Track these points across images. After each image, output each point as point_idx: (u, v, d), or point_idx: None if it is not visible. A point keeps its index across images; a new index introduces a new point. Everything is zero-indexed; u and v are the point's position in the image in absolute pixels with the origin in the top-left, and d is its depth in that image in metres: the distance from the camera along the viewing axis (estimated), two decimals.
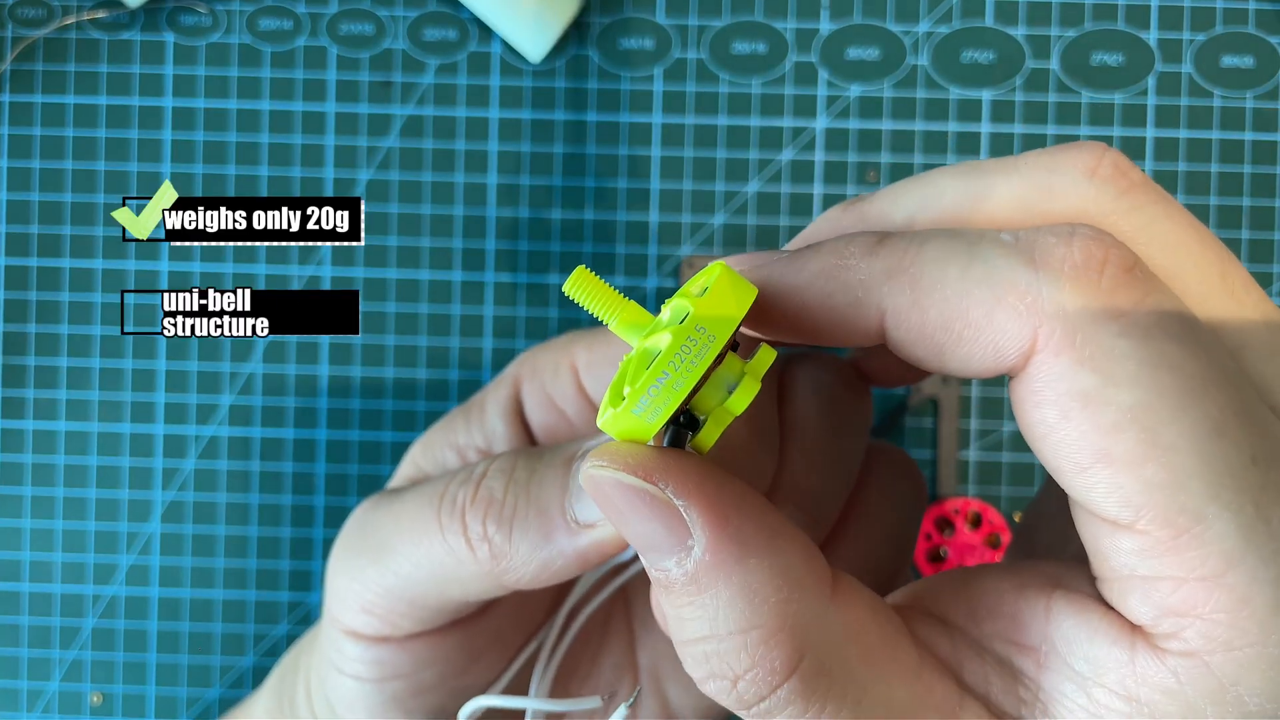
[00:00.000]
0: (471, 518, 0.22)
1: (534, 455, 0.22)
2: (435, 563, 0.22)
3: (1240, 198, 0.34)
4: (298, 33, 0.34)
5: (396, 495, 0.24)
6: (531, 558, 0.21)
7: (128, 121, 0.34)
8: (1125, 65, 0.34)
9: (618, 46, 0.34)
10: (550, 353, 0.26)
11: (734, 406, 0.17)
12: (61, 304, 0.34)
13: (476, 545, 0.22)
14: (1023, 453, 0.34)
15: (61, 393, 0.34)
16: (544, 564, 0.21)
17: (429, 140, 0.34)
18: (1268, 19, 0.34)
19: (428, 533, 0.22)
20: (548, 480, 0.22)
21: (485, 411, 0.27)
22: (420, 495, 0.23)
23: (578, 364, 0.26)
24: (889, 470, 0.24)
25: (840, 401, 0.23)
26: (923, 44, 0.34)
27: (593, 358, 0.26)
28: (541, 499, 0.21)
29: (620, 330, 0.18)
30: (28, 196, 0.34)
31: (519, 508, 0.21)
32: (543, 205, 0.34)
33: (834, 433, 0.22)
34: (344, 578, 0.24)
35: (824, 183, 0.34)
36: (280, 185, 0.34)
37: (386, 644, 0.24)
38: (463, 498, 0.22)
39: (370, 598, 0.23)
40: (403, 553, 0.23)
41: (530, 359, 0.27)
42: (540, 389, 0.26)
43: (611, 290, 0.18)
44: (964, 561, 0.33)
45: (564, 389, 0.26)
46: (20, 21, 0.34)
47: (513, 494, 0.22)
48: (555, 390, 0.26)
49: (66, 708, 0.34)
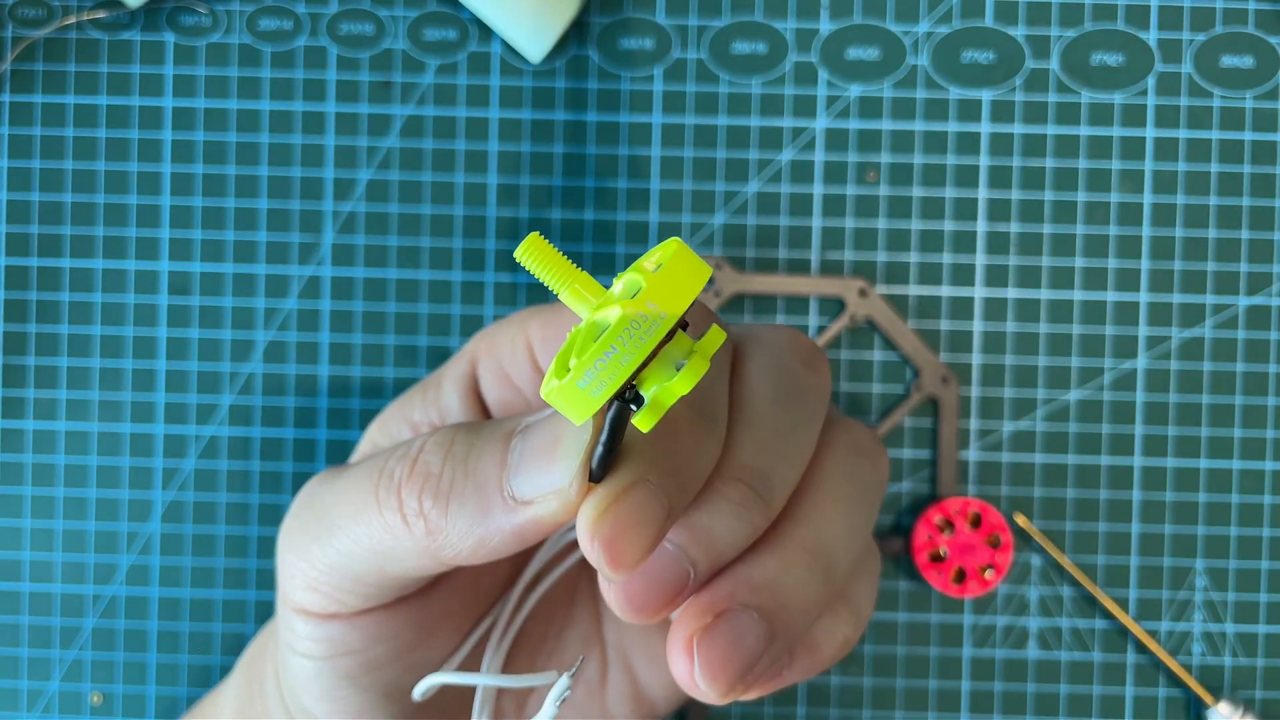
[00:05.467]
0: (407, 493, 0.21)
1: (473, 430, 0.22)
2: (373, 539, 0.22)
3: (1240, 198, 0.34)
4: (298, 33, 0.34)
5: (342, 471, 0.24)
6: (468, 534, 0.21)
7: (128, 121, 0.34)
8: (1125, 65, 0.34)
9: (618, 46, 0.34)
10: (507, 329, 0.26)
11: (679, 387, 0.17)
12: (61, 304, 0.34)
13: (412, 521, 0.21)
14: (1023, 453, 0.34)
15: (61, 393, 0.34)
16: (480, 540, 0.21)
17: (429, 140, 0.34)
18: (1268, 19, 0.34)
19: (366, 508, 0.22)
20: (485, 455, 0.21)
21: (441, 388, 0.26)
22: (361, 470, 0.23)
23: (532, 339, 0.25)
24: (849, 449, 0.24)
25: (794, 378, 0.22)
26: (923, 44, 0.34)
27: (547, 333, 0.25)
28: (478, 474, 0.21)
29: (570, 301, 0.18)
30: (28, 197, 0.34)
31: (455, 483, 0.21)
32: (543, 205, 0.34)
33: (787, 411, 0.22)
34: (291, 554, 0.24)
35: (824, 183, 0.34)
36: (280, 185, 0.34)
37: (335, 621, 0.24)
38: (400, 472, 0.22)
39: (315, 575, 0.23)
40: (343, 528, 0.22)
41: (488, 335, 0.26)
42: (496, 365, 0.26)
43: (564, 259, 0.18)
44: (964, 562, 0.33)
45: (519, 365, 0.25)
46: (20, 21, 0.34)
47: (450, 469, 0.21)
48: (511, 367, 0.26)
49: (66, 708, 0.34)
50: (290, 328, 0.34)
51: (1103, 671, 0.34)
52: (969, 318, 0.34)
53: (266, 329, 0.34)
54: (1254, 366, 0.34)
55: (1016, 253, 0.34)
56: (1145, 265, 0.34)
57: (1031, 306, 0.34)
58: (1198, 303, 0.34)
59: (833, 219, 0.34)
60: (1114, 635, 0.34)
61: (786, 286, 0.34)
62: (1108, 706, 0.34)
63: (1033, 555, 0.34)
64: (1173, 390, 0.34)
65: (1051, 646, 0.34)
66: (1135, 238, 0.34)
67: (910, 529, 0.33)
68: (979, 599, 0.34)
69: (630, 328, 0.16)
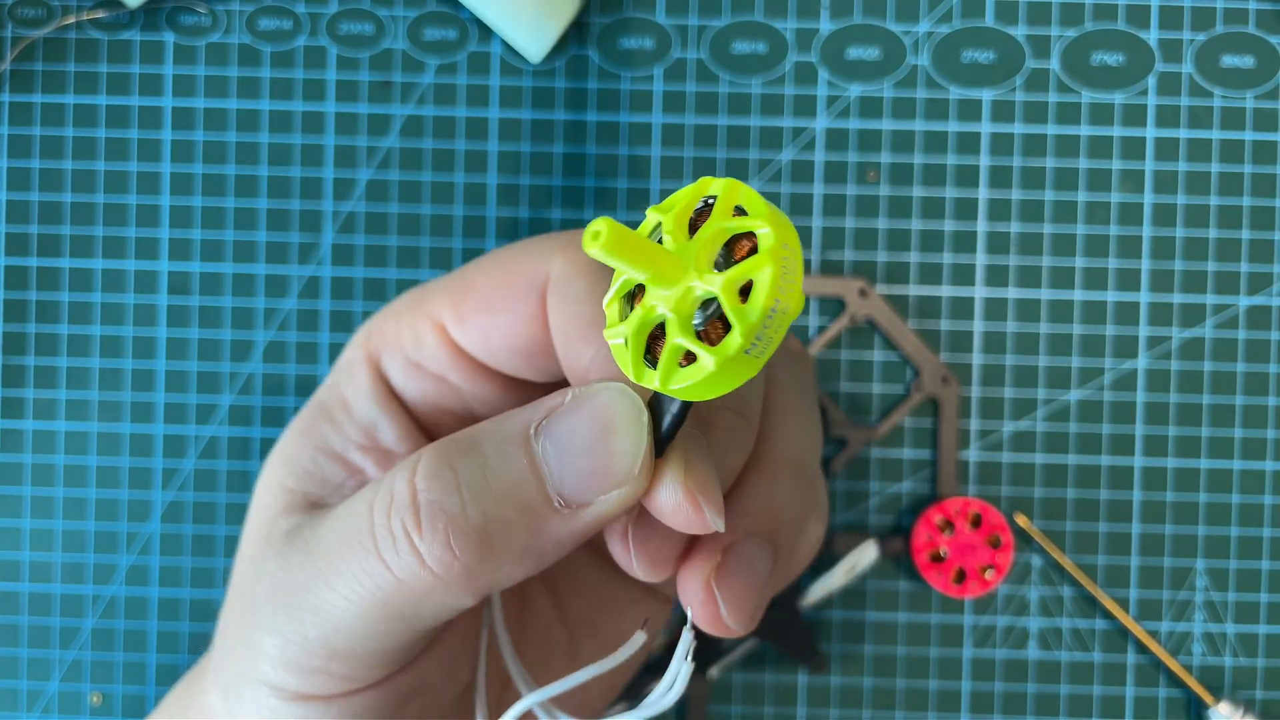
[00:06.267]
0: (430, 544, 0.19)
1: (467, 447, 0.19)
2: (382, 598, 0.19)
3: (1240, 197, 0.34)
4: (297, 33, 0.34)
5: (298, 543, 0.21)
6: (523, 558, 0.19)
7: (127, 121, 0.34)
8: (1125, 65, 0.34)
9: (618, 46, 0.34)
10: (401, 319, 0.24)
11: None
12: (61, 304, 0.34)
13: (442, 570, 0.19)
14: (1023, 453, 0.34)
15: (61, 393, 0.34)
16: (539, 558, 0.19)
17: (429, 140, 0.34)
18: (1268, 19, 0.34)
19: (368, 574, 0.19)
20: (511, 471, 0.19)
21: (351, 404, 0.24)
22: (340, 539, 0.20)
23: (444, 322, 0.23)
24: (785, 357, 0.23)
25: None
26: (923, 44, 0.34)
27: (462, 312, 0.23)
28: (516, 495, 0.19)
29: (664, 278, 0.16)
30: (27, 196, 0.34)
31: (490, 513, 0.19)
32: (543, 205, 0.34)
33: None
34: (259, 632, 0.21)
35: (824, 183, 0.34)
36: (280, 185, 0.34)
37: (311, 702, 0.21)
38: (405, 527, 0.19)
39: (293, 653, 0.21)
40: (330, 599, 0.20)
41: (376, 332, 0.24)
42: (404, 361, 0.24)
43: (643, 239, 0.15)
44: (964, 562, 0.33)
45: (434, 353, 0.23)
46: (20, 21, 0.34)
47: (472, 501, 0.19)
48: (424, 357, 0.24)
49: (66, 708, 0.34)
50: (290, 328, 0.34)
51: (1103, 672, 0.34)
52: (969, 318, 0.34)
53: (266, 329, 0.34)
54: (1254, 367, 0.34)
55: (1017, 253, 0.34)
56: (1146, 265, 0.34)
57: (1032, 306, 0.34)
58: (1198, 303, 0.34)
59: (833, 219, 0.34)
60: (1114, 635, 0.34)
61: None
62: (1108, 707, 0.34)
63: (1033, 555, 0.34)
64: (1173, 390, 0.34)
65: (1052, 647, 0.34)
66: (1136, 238, 0.34)
67: (910, 529, 0.33)
68: (979, 599, 0.34)
69: (783, 274, 0.15)
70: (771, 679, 0.34)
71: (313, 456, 0.24)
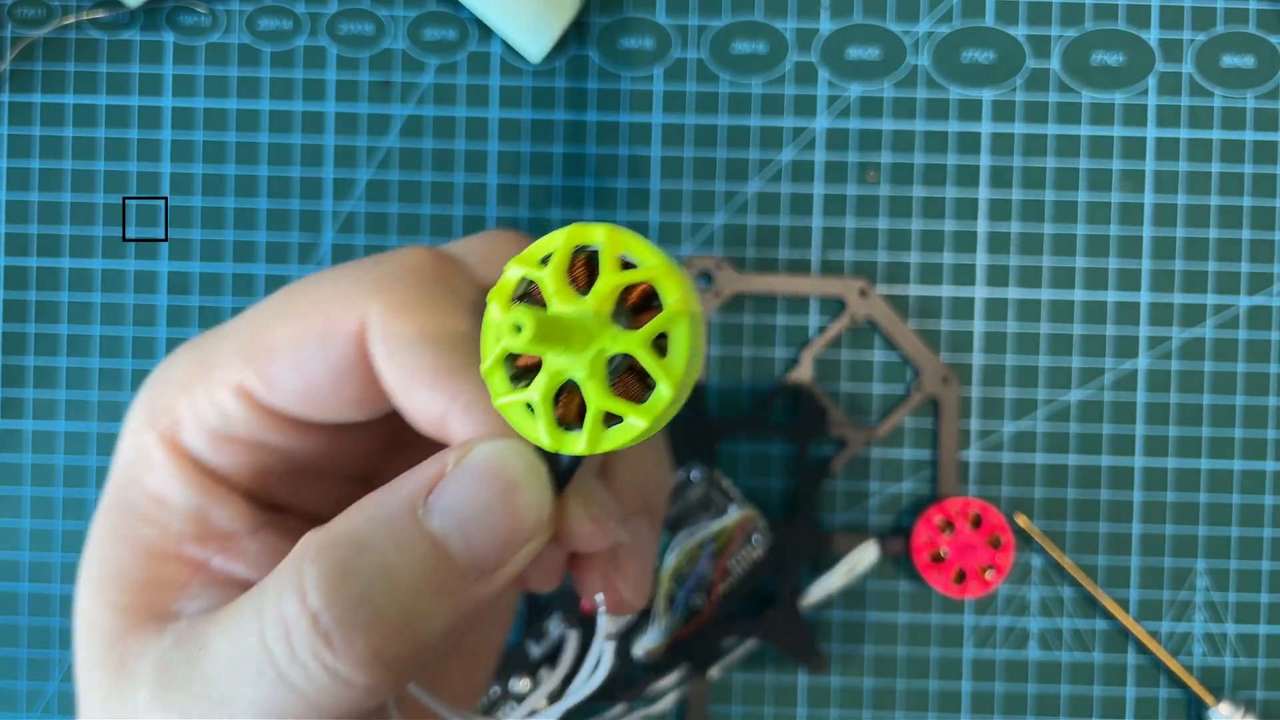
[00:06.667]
0: (348, 663, 0.17)
1: (355, 548, 0.17)
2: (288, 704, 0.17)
3: (1241, 197, 0.34)
4: (297, 32, 0.34)
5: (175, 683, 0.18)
6: (449, 635, 0.18)
7: (127, 121, 0.34)
8: (1126, 65, 0.34)
9: (618, 46, 0.34)
10: (191, 391, 0.20)
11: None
12: (61, 304, 0.34)
13: (370, 680, 0.17)
14: (1023, 453, 0.34)
15: (61, 393, 0.34)
16: (464, 627, 0.18)
17: (429, 140, 0.34)
18: (1269, 19, 0.34)
19: (276, 702, 0.17)
20: (417, 559, 0.17)
21: (165, 497, 0.21)
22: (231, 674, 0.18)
23: (248, 387, 0.20)
24: None
25: None
26: (923, 43, 0.34)
27: (267, 374, 0.20)
28: (428, 581, 0.17)
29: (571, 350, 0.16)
30: (27, 196, 0.34)
31: (409, 609, 0.17)
32: (542, 205, 0.34)
33: None
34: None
35: (824, 182, 0.34)
36: (280, 185, 0.34)
37: None
38: (313, 652, 0.17)
39: None
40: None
41: (161, 412, 0.21)
42: (210, 435, 0.20)
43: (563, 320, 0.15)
44: (965, 562, 0.33)
45: (244, 421, 0.20)
46: (20, 21, 0.34)
47: (389, 605, 0.17)
48: (234, 428, 0.20)
49: (66, 708, 0.34)
50: None
51: (1104, 672, 0.34)
52: (970, 318, 0.34)
53: None
54: (1255, 367, 0.34)
55: (1017, 253, 0.34)
56: (1146, 265, 0.34)
57: (1032, 307, 0.34)
58: (1199, 303, 0.34)
59: (833, 219, 0.34)
60: (1115, 636, 0.34)
61: (787, 286, 0.34)
62: (1109, 707, 0.34)
63: (1033, 556, 0.34)
64: (1174, 390, 0.34)
65: (1052, 647, 0.34)
66: (1136, 238, 0.34)
67: (911, 529, 0.33)
68: (979, 600, 0.34)
69: (693, 323, 0.15)
70: (772, 679, 0.34)
71: (142, 565, 0.21)
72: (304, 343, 0.20)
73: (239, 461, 0.21)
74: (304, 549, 0.17)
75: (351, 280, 0.20)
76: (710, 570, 0.33)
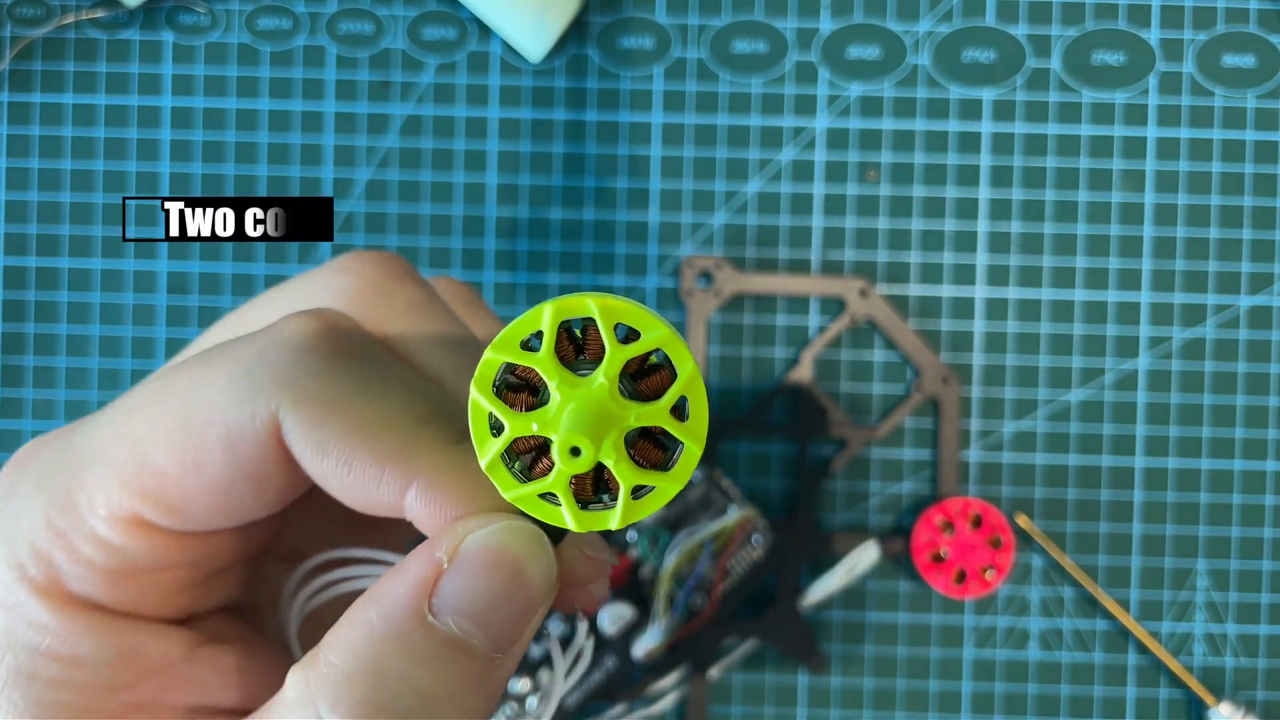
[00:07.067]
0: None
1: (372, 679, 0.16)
2: None
3: (1242, 197, 0.34)
4: (296, 32, 0.34)
5: None
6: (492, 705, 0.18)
7: (126, 121, 0.34)
8: (1126, 64, 0.34)
9: (618, 46, 0.34)
10: (67, 534, 0.17)
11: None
12: (60, 304, 0.34)
13: None
14: (1023, 453, 0.34)
15: (60, 393, 0.34)
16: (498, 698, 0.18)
17: (428, 140, 0.34)
18: (1269, 18, 0.34)
19: None
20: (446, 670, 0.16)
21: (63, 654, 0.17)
22: None
23: (139, 514, 0.17)
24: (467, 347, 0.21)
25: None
26: (923, 43, 0.34)
27: (164, 499, 0.17)
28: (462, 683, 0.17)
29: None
30: (26, 196, 0.34)
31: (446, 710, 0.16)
32: (542, 205, 0.34)
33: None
34: None
35: (824, 182, 0.34)
36: (279, 185, 0.34)
37: None
38: None
39: None
40: None
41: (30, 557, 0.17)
42: (103, 574, 0.17)
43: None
44: (965, 562, 0.33)
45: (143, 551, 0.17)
46: (19, 21, 0.34)
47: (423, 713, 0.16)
48: (130, 561, 0.17)
49: None
50: None
51: (1104, 672, 0.34)
52: (970, 318, 0.34)
53: None
54: (1256, 367, 0.34)
55: (1018, 252, 0.34)
56: (1147, 265, 0.34)
57: (1033, 306, 0.34)
58: (1199, 303, 0.34)
59: (833, 218, 0.34)
60: (1115, 636, 0.34)
61: (787, 286, 0.34)
62: (1109, 707, 0.34)
63: (1034, 556, 0.34)
64: (1174, 390, 0.34)
65: (1053, 647, 0.34)
66: (1137, 237, 0.34)
67: (911, 529, 0.33)
68: (980, 600, 0.34)
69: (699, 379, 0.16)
70: (772, 679, 0.34)
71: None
72: (205, 461, 0.17)
73: (141, 590, 0.18)
74: (306, 694, 0.16)
75: (243, 376, 0.17)
76: (710, 570, 0.33)
